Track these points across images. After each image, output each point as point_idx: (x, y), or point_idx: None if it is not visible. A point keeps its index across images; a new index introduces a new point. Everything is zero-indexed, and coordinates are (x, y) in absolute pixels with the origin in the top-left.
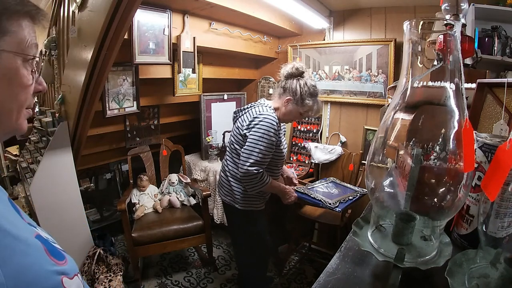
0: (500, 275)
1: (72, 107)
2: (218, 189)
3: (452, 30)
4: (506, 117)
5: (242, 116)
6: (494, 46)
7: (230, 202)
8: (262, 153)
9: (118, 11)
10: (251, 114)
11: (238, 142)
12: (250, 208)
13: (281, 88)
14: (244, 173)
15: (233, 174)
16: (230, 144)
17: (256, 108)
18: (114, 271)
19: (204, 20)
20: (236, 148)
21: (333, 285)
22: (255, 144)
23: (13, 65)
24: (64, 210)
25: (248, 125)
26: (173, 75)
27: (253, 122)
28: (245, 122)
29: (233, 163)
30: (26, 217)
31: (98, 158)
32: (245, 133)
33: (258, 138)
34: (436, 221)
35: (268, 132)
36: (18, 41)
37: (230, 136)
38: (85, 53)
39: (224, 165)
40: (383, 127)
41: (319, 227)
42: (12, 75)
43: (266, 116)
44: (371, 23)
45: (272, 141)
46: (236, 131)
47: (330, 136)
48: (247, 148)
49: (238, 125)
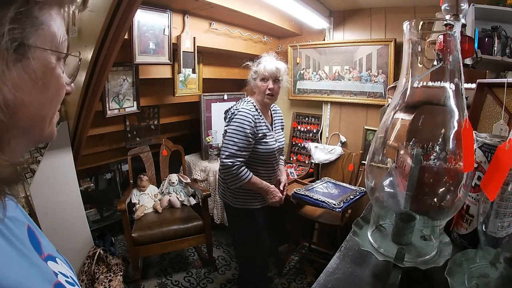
0: (499, 275)
1: (72, 107)
2: (217, 188)
3: (452, 30)
4: (506, 117)
5: (227, 116)
6: (494, 46)
7: (225, 199)
8: (237, 145)
9: (118, 11)
10: (231, 111)
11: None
12: (245, 206)
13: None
14: (222, 166)
15: None
16: (223, 142)
17: (237, 105)
18: (114, 271)
19: (204, 20)
20: None
21: (333, 284)
22: (230, 137)
23: (49, 66)
24: (64, 210)
25: (228, 121)
26: (173, 75)
27: (230, 118)
28: (227, 119)
29: None
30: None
31: (98, 158)
32: (225, 129)
33: (232, 130)
34: (436, 221)
35: (241, 124)
36: (52, 36)
37: None
38: (85, 53)
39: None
40: (383, 127)
41: (319, 227)
42: (48, 78)
43: (240, 109)
44: (371, 23)
45: (246, 133)
46: (224, 129)
47: (330, 136)
48: (224, 142)
49: (225, 124)
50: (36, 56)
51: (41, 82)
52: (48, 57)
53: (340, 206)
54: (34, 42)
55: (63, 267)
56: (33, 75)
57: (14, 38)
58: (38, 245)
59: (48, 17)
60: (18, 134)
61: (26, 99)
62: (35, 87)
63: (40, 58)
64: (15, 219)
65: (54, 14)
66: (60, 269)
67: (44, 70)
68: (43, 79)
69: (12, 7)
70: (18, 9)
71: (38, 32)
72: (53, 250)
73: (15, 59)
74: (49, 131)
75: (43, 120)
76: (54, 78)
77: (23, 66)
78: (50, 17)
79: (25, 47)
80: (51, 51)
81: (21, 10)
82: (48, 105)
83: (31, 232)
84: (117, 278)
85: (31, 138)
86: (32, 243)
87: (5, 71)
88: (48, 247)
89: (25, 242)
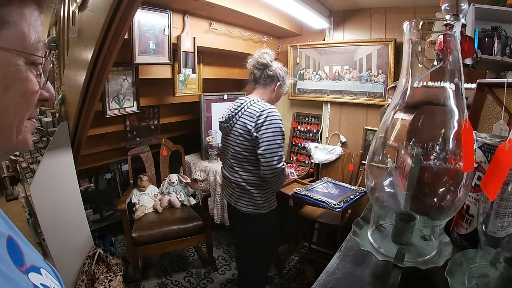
0: (499, 275)
1: (72, 107)
2: (235, 203)
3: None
4: (506, 117)
5: (238, 123)
6: (494, 46)
7: (254, 211)
8: (281, 147)
9: (118, 11)
10: (250, 115)
11: (246, 148)
12: (271, 208)
13: (266, 78)
14: (273, 173)
15: (251, 182)
16: (235, 154)
17: (250, 108)
18: (114, 271)
19: (204, 20)
20: (245, 155)
21: (333, 284)
22: (273, 140)
23: (12, 67)
24: (64, 210)
25: (255, 126)
26: (173, 75)
27: (259, 122)
28: (248, 125)
29: (246, 171)
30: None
31: (98, 158)
32: (256, 136)
33: (273, 133)
34: (436, 221)
35: (278, 125)
36: (19, 36)
37: (230, 147)
38: (85, 53)
39: (234, 177)
40: (383, 127)
41: (319, 227)
42: (11, 80)
43: (268, 110)
44: (371, 23)
45: (283, 131)
46: (240, 139)
47: (330, 136)
48: (267, 148)
49: (239, 132)
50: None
51: (3, 84)
52: (13, 58)
53: (340, 206)
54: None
55: (47, 279)
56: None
57: None
58: (20, 256)
59: (17, 16)
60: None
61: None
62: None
63: (3, 59)
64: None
65: (28, 13)
66: (43, 281)
67: (6, 72)
68: (6, 81)
69: None
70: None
71: (1, 31)
72: (37, 260)
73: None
74: (20, 140)
75: (9, 128)
76: (20, 81)
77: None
78: (20, 16)
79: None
80: (17, 52)
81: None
82: (12, 109)
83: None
84: (117, 278)
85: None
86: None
87: None
88: (32, 257)
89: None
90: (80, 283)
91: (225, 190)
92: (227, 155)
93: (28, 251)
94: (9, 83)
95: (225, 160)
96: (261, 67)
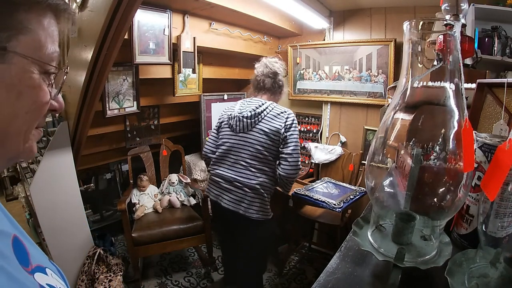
0: (499, 275)
1: (72, 107)
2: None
3: (452, 30)
4: (506, 117)
5: (263, 121)
6: (494, 46)
7: (263, 217)
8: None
9: (118, 11)
10: (277, 116)
11: (268, 148)
12: (272, 213)
13: (276, 87)
14: (296, 172)
15: (265, 185)
16: (256, 153)
17: (274, 109)
18: (114, 271)
19: (204, 20)
20: (266, 155)
21: (333, 284)
22: (298, 142)
23: (26, 74)
24: (64, 210)
25: (284, 127)
26: (173, 75)
27: (288, 123)
28: (277, 125)
29: (263, 173)
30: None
31: (98, 158)
32: (285, 136)
33: (297, 135)
34: (436, 221)
35: (297, 126)
36: (36, 44)
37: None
38: (85, 53)
39: (249, 180)
40: (383, 127)
41: (319, 227)
42: (24, 87)
43: (291, 113)
44: (371, 23)
45: None
46: (265, 137)
47: (330, 136)
48: (295, 148)
49: (264, 131)
50: (13, 62)
51: (16, 90)
52: (28, 65)
53: (340, 206)
54: (13, 47)
55: (53, 279)
56: (8, 81)
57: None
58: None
59: (36, 24)
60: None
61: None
62: (8, 95)
63: (18, 65)
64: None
65: (46, 22)
66: (48, 281)
67: (21, 78)
68: (19, 88)
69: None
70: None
71: (19, 37)
72: (43, 260)
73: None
74: (27, 148)
75: (17, 134)
76: (33, 89)
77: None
78: (38, 24)
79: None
80: (33, 59)
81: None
82: (22, 117)
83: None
84: (117, 278)
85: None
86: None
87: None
88: (38, 257)
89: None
90: (80, 283)
91: (225, 196)
92: (239, 156)
93: (33, 250)
94: (22, 90)
95: (230, 162)
96: (273, 76)
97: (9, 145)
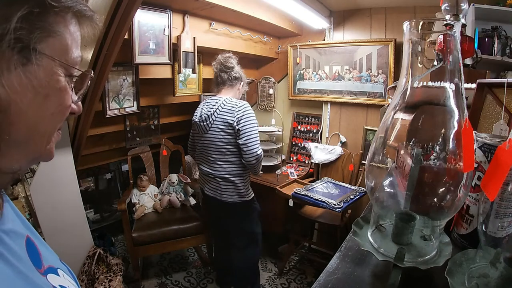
0: (499, 275)
1: None
2: (221, 196)
3: (452, 30)
4: (506, 117)
5: (217, 119)
6: (494, 46)
7: (239, 199)
8: (258, 134)
9: (118, 11)
10: (228, 111)
11: (228, 142)
12: (252, 195)
13: (233, 79)
14: (256, 159)
15: (234, 173)
16: (219, 148)
17: (227, 105)
18: (114, 271)
19: (204, 20)
20: (228, 148)
21: (333, 284)
22: (253, 130)
23: (54, 76)
24: (64, 210)
25: (236, 120)
26: (173, 75)
27: (239, 115)
28: (229, 120)
29: (230, 163)
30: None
31: (98, 158)
32: (237, 128)
33: (251, 124)
34: (436, 221)
35: (254, 116)
36: (63, 47)
37: (212, 143)
38: (85, 53)
39: (218, 172)
40: (383, 127)
41: (319, 227)
42: (51, 89)
43: (244, 105)
44: (371, 23)
45: (257, 122)
46: (222, 133)
47: (330, 136)
48: (250, 137)
49: (220, 128)
50: (43, 63)
51: (44, 92)
52: (55, 68)
53: (340, 206)
54: (43, 49)
55: (65, 279)
56: (36, 82)
57: (20, 38)
58: (38, 258)
59: (63, 28)
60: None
61: (24, 106)
62: (36, 96)
63: (47, 67)
64: (13, 232)
65: (72, 27)
66: (61, 282)
67: (48, 80)
68: (46, 90)
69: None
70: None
71: (49, 39)
72: (54, 261)
73: (18, 61)
74: (48, 150)
75: (41, 135)
76: (59, 92)
77: (26, 70)
78: (65, 28)
79: (31, 51)
80: (60, 62)
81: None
82: (47, 119)
83: (30, 244)
84: (117, 278)
85: (27, 153)
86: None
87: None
88: (49, 257)
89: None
90: (80, 283)
91: (207, 186)
92: (207, 152)
93: (44, 251)
94: (49, 92)
95: (204, 158)
96: (227, 70)
97: (33, 146)
